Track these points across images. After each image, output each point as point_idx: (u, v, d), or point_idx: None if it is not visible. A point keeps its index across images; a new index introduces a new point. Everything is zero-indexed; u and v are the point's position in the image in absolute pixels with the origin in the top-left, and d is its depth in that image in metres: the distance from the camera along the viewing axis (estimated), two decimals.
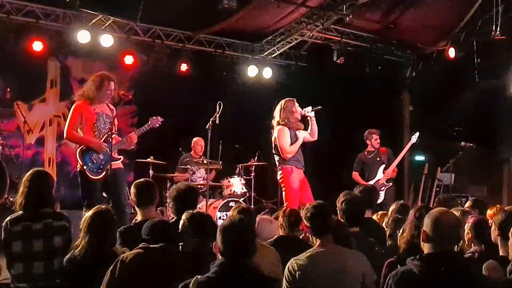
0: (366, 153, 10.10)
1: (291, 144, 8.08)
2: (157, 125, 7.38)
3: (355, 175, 10.00)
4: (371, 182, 9.53)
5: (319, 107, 8.36)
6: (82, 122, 6.92)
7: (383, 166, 9.86)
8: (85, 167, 6.86)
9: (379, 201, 9.11)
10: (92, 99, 6.98)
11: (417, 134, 10.02)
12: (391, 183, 9.89)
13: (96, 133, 6.97)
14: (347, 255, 4.19)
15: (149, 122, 7.33)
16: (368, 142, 10.08)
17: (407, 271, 3.46)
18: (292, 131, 8.15)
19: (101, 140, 6.93)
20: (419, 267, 3.42)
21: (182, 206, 5.05)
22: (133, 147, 7.51)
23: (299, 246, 4.70)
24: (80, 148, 6.95)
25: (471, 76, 9.96)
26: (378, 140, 10.06)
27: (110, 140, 6.83)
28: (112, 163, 6.79)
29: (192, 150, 10.66)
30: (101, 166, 6.90)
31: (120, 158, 7.15)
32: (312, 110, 8.27)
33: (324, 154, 11.47)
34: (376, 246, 4.93)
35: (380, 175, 9.81)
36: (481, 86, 10.38)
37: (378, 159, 9.96)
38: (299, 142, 8.13)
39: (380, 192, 9.49)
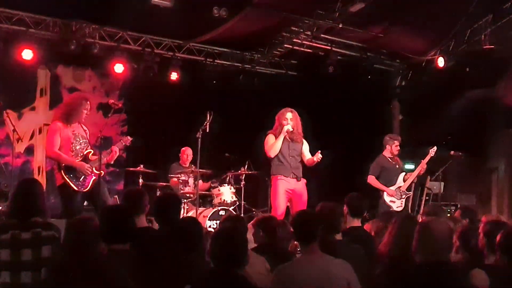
0: (385, 157, 9.46)
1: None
2: (126, 144, 7.52)
3: (372, 178, 9.31)
4: (392, 188, 9.21)
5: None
6: (60, 143, 6.97)
7: (404, 173, 9.40)
8: (69, 180, 6.97)
9: (400, 209, 9.02)
10: (68, 120, 7.04)
11: (435, 148, 9.46)
12: (411, 193, 9.52)
13: (73, 154, 7.04)
14: (332, 263, 4.20)
15: (120, 141, 7.55)
16: (388, 147, 9.43)
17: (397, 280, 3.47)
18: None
19: (80, 160, 7.04)
20: (408, 275, 3.43)
21: (163, 215, 5.05)
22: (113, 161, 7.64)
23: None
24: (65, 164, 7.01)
25: (460, 85, 10.00)
26: (399, 147, 9.48)
27: (90, 159, 7.06)
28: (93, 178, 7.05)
29: (179, 159, 10.63)
30: (83, 182, 7.05)
31: (101, 173, 7.18)
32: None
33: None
34: (361, 254, 4.92)
35: (400, 182, 9.33)
36: (470, 95, 10.43)
37: (397, 166, 9.46)
38: (275, 140, 8.06)
39: (401, 200, 9.27)
